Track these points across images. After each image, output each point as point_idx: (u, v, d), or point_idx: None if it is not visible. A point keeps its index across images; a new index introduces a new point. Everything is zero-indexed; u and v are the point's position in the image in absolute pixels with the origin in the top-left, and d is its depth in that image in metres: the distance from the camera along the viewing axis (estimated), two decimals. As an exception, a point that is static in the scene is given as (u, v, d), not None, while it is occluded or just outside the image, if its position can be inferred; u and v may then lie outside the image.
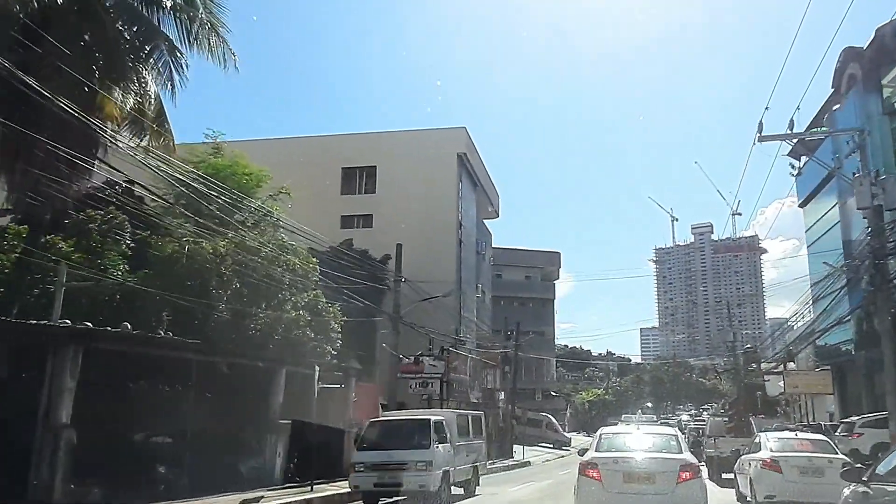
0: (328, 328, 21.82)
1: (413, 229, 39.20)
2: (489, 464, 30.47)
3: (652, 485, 9.95)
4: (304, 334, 20.65)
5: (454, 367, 29.38)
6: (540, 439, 52.26)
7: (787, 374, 38.01)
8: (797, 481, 12.64)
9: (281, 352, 19.31)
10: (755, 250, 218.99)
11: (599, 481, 10.01)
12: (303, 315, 20.69)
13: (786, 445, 13.91)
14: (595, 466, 10.18)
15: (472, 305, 43.88)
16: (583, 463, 10.55)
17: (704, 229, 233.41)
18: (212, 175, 20.88)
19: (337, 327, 22.13)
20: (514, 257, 66.41)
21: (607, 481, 9.95)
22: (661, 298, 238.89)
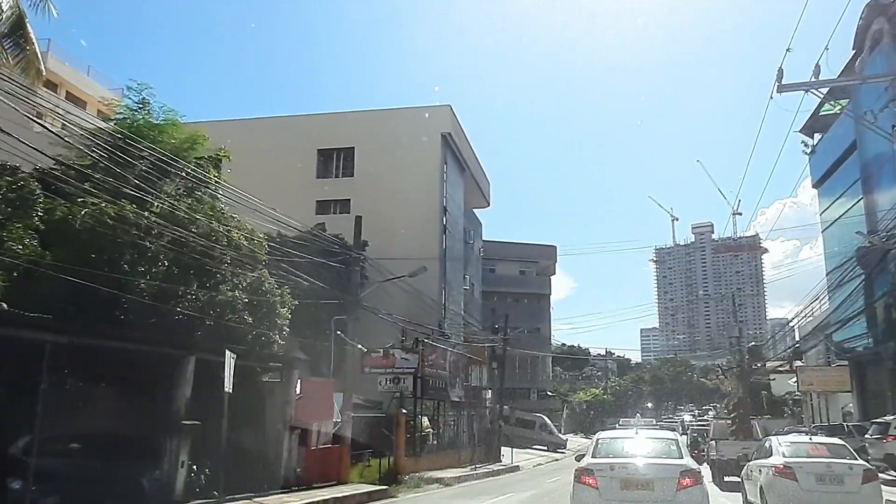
0: (274, 313, 18.47)
1: (394, 214, 36.07)
2: (472, 469, 27.16)
3: (651, 492, 9.46)
4: (240, 319, 17.32)
5: (430, 362, 25.99)
6: (533, 441, 48.84)
7: (801, 371, 34.51)
8: (814, 490, 11.49)
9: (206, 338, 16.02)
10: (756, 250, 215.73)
11: (595, 488, 9.57)
12: (239, 296, 17.34)
13: (799, 450, 12.66)
14: (591, 473, 9.75)
15: (459, 298, 40.51)
16: (578, 469, 10.05)
17: (705, 229, 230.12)
18: (133, 133, 17.62)
19: (286, 313, 18.77)
20: (507, 251, 63.04)
21: (604, 488, 9.50)
22: (662, 298, 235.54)
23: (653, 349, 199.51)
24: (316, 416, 17.57)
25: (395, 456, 23.01)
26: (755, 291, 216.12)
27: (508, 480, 25.60)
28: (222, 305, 17.26)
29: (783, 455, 12.44)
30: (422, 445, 25.73)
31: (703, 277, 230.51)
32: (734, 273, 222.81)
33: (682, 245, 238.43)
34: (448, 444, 28.69)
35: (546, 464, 38.22)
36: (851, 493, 11.29)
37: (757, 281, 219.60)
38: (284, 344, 18.78)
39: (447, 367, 28.11)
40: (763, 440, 15.80)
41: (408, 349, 25.21)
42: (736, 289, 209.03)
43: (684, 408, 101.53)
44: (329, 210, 37.78)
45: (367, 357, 25.20)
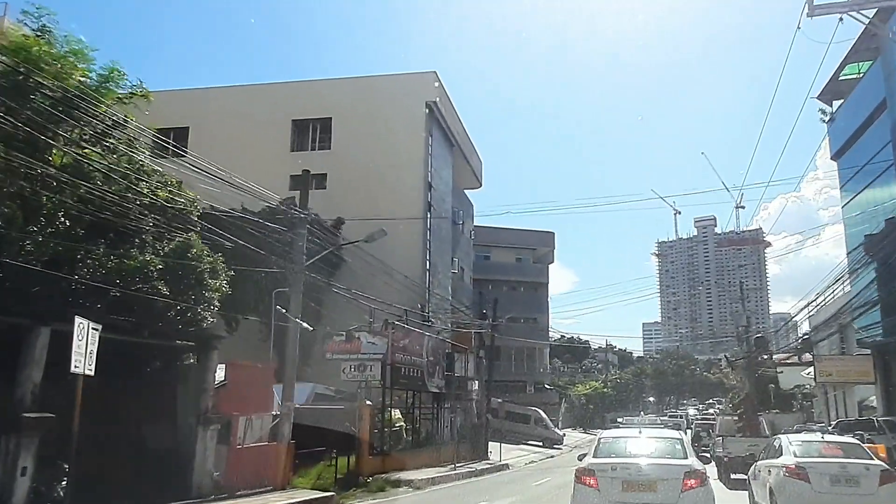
0: (202, 284, 15.16)
1: (374, 190, 32.89)
2: (452, 468, 23.86)
3: (653, 493, 9.03)
4: (154, 289, 14.03)
5: (402, 347, 22.63)
6: (528, 436, 45.52)
7: (818, 361, 31.09)
8: (828, 492, 10.85)
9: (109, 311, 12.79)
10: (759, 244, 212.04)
11: (596, 489, 9.17)
12: (153, 262, 14.04)
13: (812, 450, 11.95)
14: (592, 473, 9.35)
15: (446, 282, 37.17)
16: (579, 469, 9.70)
17: (707, 223, 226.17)
18: (28, 66, 14.35)
19: (218, 285, 15.47)
20: (503, 237, 59.56)
21: (605, 489, 9.13)
22: (664, 293, 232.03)
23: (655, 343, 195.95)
24: (246, 407, 14.25)
25: (357, 455, 19.76)
26: (758, 285, 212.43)
27: (491, 482, 22.28)
28: (131, 272, 13.99)
29: (794, 455, 11.68)
30: (393, 442, 22.44)
31: (705, 271, 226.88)
32: (737, 267, 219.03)
33: (685, 239, 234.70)
34: (426, 441, 25.38)
35: (539, 461, 34.89)
36: (868, 496, 10.64)
37: (760, 275, 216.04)
38: (214, 321, 15.52)
39: (424, 353, 24.77)
40: (772, 438, 14.91)
41: (376, 332, 21.88)
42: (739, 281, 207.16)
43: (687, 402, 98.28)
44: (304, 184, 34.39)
45: (329, 341, 21.91)
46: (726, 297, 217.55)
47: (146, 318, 13.73)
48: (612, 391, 74.17)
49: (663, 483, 9.09)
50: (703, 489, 9.17)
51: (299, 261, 16.01)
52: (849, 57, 29.62)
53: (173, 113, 34.04)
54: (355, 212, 31.61)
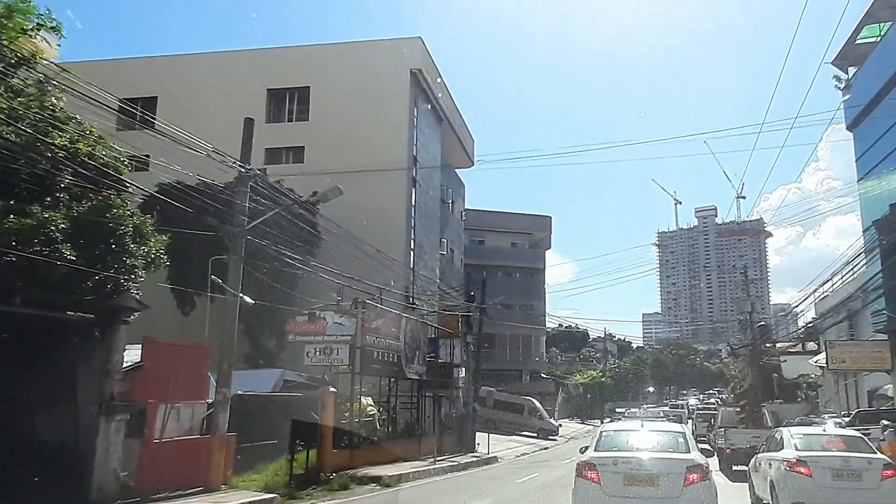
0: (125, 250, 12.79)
1: (354, 164, 30.38)
2: (432, 462, 21.54)
3: (655, 488, 8.78)
4: (56, 252, 11.69)
5: (375, 329, 20.23)
6: (522, 427, 43.22)
7: (831, 347, 28.70)
8: (830, 486, 10.53)
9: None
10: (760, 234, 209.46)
11: (598, 483, 8.95)
12: (55, 220, 11.71)
13: (814, 443, 11.76)
14: (593, 467, 9.10)
15: (434, 263, 34.79)
16: (580, 463, 9.35)
17: (708, 212, 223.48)
18: None
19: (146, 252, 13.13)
20: (498, 221, 57.17)
21: (606, 484, 8.91)
22: (664, 283, 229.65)
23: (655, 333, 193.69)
24: (169, 393, 11.85)
25: (319, 448, 17.43)
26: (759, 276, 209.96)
27: (471, 479, 19.93)
28: (28, 233, 11.64)
29: (796, 448, 11.44)
30: (365, 434, 20.11)
31: (705, 261, 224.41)
32: (738, 257, 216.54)
33: (686, 229, 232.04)
34: (404, 433, 23.04)
35: (532, 453, 32.58)
36: (870, 490, 10.43)
37: (761, 266, 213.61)
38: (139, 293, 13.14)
39: (402, 336, 22.39)
40: (774, 431, 14.48)
41: (343, 312, 19.50)
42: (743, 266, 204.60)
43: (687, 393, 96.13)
44: (280, 159, 32.13)
45: (291, 321, 19.54)
46: (727, 287, 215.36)
47: (51, 287, 11.43)
48: (610, 381, 71.81)
49: (665, 477, 8.89)
50: (706, 483, 8.95)
51: (240, 223, 13.59)
52: (866, 18, 27.12)
53: (140, 82, 31.68)
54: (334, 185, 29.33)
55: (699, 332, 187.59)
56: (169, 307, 27.07)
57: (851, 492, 10.49)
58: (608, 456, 9.31)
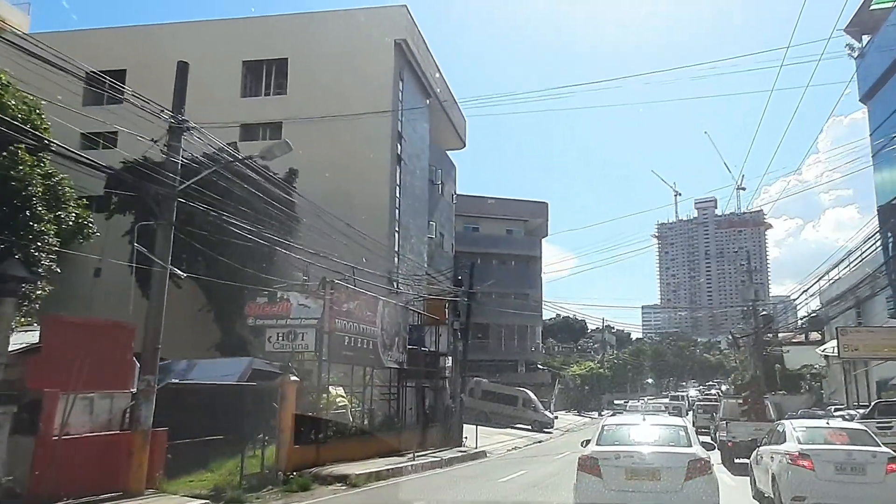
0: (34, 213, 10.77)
1: (334, 140, 28.47)
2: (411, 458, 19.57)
3: (657, 482, 8.73)
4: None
5: (346, 312, 18.20)
6: (516, 419, 41.28)
7: (843, 334, 26.68)
8: (833, 480, 10.22)
9: None
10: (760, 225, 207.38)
11: (599, 478, 8.90)
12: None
13: (816, 436, 11.33)
14: (595, 461, 9.06)
15: (421, 247, 32.76)
16: (582, 458, 9.33)
17: (708, 204, 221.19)
18: None
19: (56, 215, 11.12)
20: (493, 207, 55.08)
21: (608, 478, 8.85)
22: (664, 275, 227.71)
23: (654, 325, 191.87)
24: (75, 381, 9.83)
25: (278, 445, 15.47)
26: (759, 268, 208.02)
27: (451, 477, 17.94)
28: None
29: (798, 441, 11.19)
30: (335, 428, 18.15)
31: (705, 253, 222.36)
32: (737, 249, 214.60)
33: (685, 220, 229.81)
34: (382, 426, 21.04)
35: (524, 447, 30.65)
36: (875, 484, 10.08)
37: (760, 257, 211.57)
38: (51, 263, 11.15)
39: (379, 321, 20.37)
40: (776, 424, 14.12)
41: (310, 293, 17.48)
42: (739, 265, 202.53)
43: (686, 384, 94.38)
44: (256, 135, 30.06)
45: (250, 303, 17.52)
46: (726, 279, 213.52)
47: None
48: (608, 372, 69.85)
49: (667, 471, 8.85)
50: (708, 477, 8.89)
51: (170, 183, 11.54)
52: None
53: (109, 53, 29.56)
54: (313, 164, 27.30)
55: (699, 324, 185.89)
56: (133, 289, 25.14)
57: (855, 486, 10.21)
58: (610, 450, 9.25)
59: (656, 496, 8.75)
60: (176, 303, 25.81)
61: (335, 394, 17.81)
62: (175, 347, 23.34)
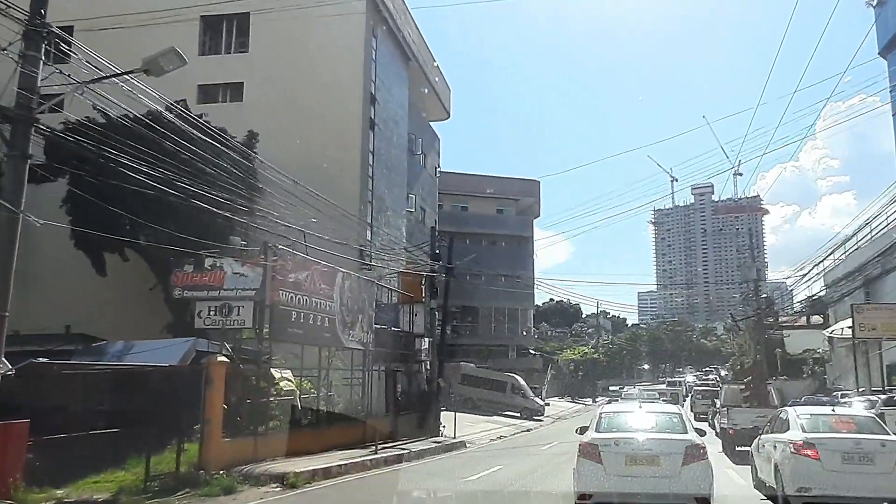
0: None
1: (301, 102, 25.84)
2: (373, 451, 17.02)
3: (656, 467, 8.98)
4: None
5: (293, 284, 15.55)
6: (503, 406, 38.89)
7: (858, 311, 24.15)
8: (840, 470, 9.68)
9: None
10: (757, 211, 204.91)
11: (600, 464, 9.04)
12: None
13: (821, 423, 10.73)
14: (595, 448, 9.19)
15: (399, 222, 30.12)
16: (582, 444, 9.46)
17: (705, 190, 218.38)
18: None
19: None
20: (482, 185, 52.41)
21: (608, 463, 9.01)
22: (660, 261, 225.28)
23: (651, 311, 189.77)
24: None
25: (202, 438, 12.91)
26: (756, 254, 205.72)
27: (414, 473, 15.37)
28: None
29: (802, 429, 10.51)
30: (281, 418, 15.59)
31: (702, 240, 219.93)
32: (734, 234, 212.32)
33: (682, 206, 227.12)
34: (342, 415, 18.47)
35: (510, 437, 28.18)
36: (884, 474, 9.55)
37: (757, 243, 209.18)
38: None
39: (337, 296, 17.74)
40: (778, 411, 13.47)
41: (247, 260, 14.85)
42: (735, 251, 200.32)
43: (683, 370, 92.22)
44: (216, 97, 27.34)
45: (176, 272, 14.87)
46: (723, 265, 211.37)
47: None
48: (603, 357, 67.40)
49: (665, 457, 9.02)
50: (703, 463, 9.08)
51: (24, 102, 8.84)
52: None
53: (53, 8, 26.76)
54: (278, 128, 24.69)
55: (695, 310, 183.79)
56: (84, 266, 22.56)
57: (863, 476, 9.69)
58: (610, 437, 9.40)
59: (655, 481, 8.91)
60: (124, 281, 23.30)
61: (279, 377, 15.18)
62: (124, 328, 20.84)
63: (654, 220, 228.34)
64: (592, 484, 9.00)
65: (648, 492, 8.85)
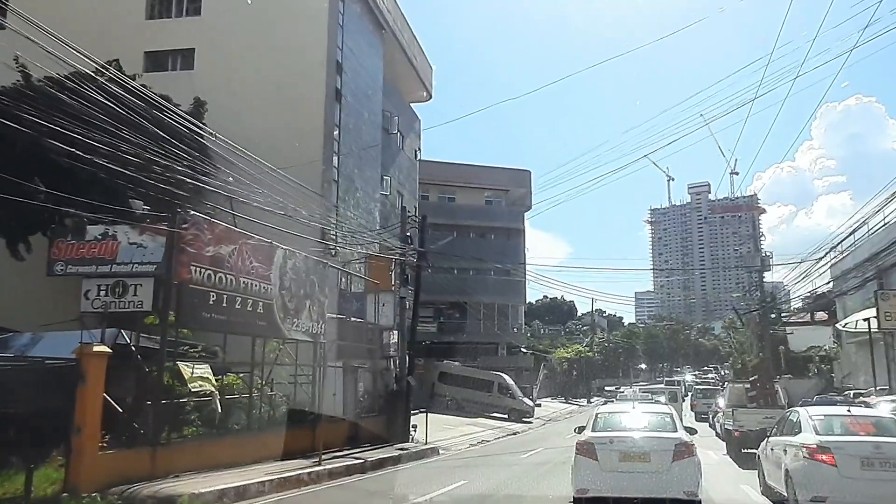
0: None
1: (257, 70, 22.96)
2: (315, 462, 14.06)
3: (647, 463, 9.45)
4: None
5: (210, 258, 12.57)
6: (489, 407, 36.00)
7: (883, 299, 21.28)
8: (858, 477, 8.77)
9: None
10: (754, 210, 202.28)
11: (596, 461, 9.53)
12: None
13: (837, 425, 9.77)
14: (591, 446, 9.71)
15: (372, 205, 27.17)
16: (579, 442, 9.95)
17: (702, 189, 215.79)
18: None
19: None
20: (470, 175, 49.47)
21: (603, 460, 9.51)
22: (657, 261, 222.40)
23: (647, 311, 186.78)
24: None
25: (73, 450, 9.97)
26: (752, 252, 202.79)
27: (353, 492, 12.44)
28: None
29: (816, 432, 9.54)
30: (196, 423, 12.65)
31: (699, 239, 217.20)
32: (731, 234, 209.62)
33: (678, 205, 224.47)
34: (284, 418, 15.52)
35: (493, 441, 25.25)
36: None
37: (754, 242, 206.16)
38: None
39: (276, 278, 14.79)
40: (788, 411, 12.43)
41: (147, 227, 11.90)
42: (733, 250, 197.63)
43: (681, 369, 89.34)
44: (165, 64, 24.41)
45: (57, 243, 11.90)
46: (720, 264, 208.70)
47: None
48: (598, 356, 64.36)
49: (656, 454, 9.43)
50: (692, 459, 9.45)
51: None
52: None
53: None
54: (234, 97, 21.83)
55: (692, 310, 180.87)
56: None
57: (884, 483, 8.65)
58: (605, 435, 9.83)
59: (647, 476, 9.30)
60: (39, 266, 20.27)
61: (190, 375, 12.20)
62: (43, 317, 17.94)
63: (650, 219, 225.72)
64: (588, 479, 9.42)
65: (640, 486, 9.18)
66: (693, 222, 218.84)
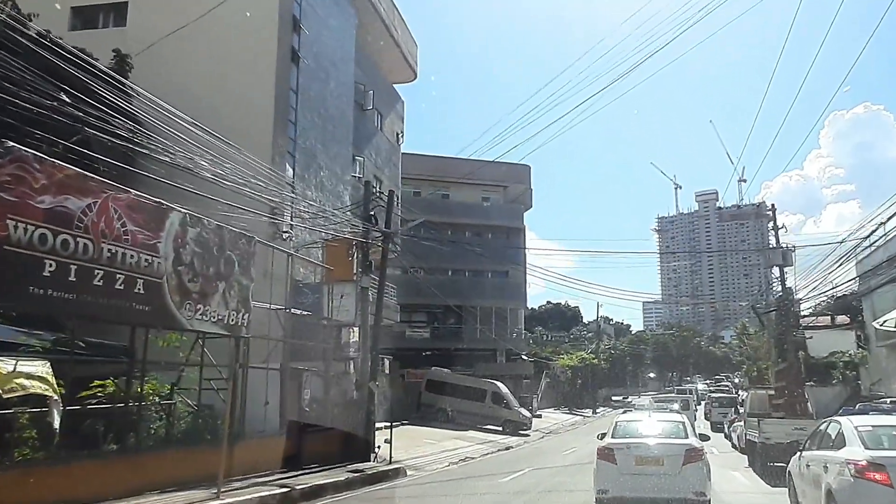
0: None
1: (197, 26, 19.38)
2: (219, 493, 10.26)
3: (661, 467, 10.25)
4: None
5: (46, 211, 8.92)
6: (482, 419, 32.08)
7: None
8: None
9: None
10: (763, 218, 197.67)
11: (615, 464, 10.37)
12: None
13: (887, 438, 8.28)
14: (611, 451, 10.55)
15: (341, 188, 23.50)
16: (600, 448, 10.80)
17: (709, 196, 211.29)
18: None
19: None
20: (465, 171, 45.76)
21: (621, 463, 10.33)
22: (665, 269, 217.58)
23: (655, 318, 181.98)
24: None
25: None
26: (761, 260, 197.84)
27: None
28: None
29: (864, 445, 8.08)
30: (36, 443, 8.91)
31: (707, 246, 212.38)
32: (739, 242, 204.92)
33: (686, 213, 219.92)
34: (184, 435, 11.79)
35: (478, 459, 21.26)
36: None
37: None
38: None
39: (170, 250, 11.11)
40: (823, 422, 10.72)
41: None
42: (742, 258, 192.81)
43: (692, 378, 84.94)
44: (95, 20, 21.14)
45: None
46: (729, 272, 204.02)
47: None
48: (605, 364, 60.16)
49: (668, 458, 10.19)
50: (701, 463, 10.21)
51: None
52: None
53: None
54: (166, 58, 18.35)
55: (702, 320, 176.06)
56: None
57: None
58: (623, 441, 10.72)
59: (659, 478, 10.03)
60: None
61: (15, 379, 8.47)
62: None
63: (658, 227, 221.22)
64: (608, 481, 10.30)
65: (654, 487, 9.88)
66: (701, 230, 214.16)
